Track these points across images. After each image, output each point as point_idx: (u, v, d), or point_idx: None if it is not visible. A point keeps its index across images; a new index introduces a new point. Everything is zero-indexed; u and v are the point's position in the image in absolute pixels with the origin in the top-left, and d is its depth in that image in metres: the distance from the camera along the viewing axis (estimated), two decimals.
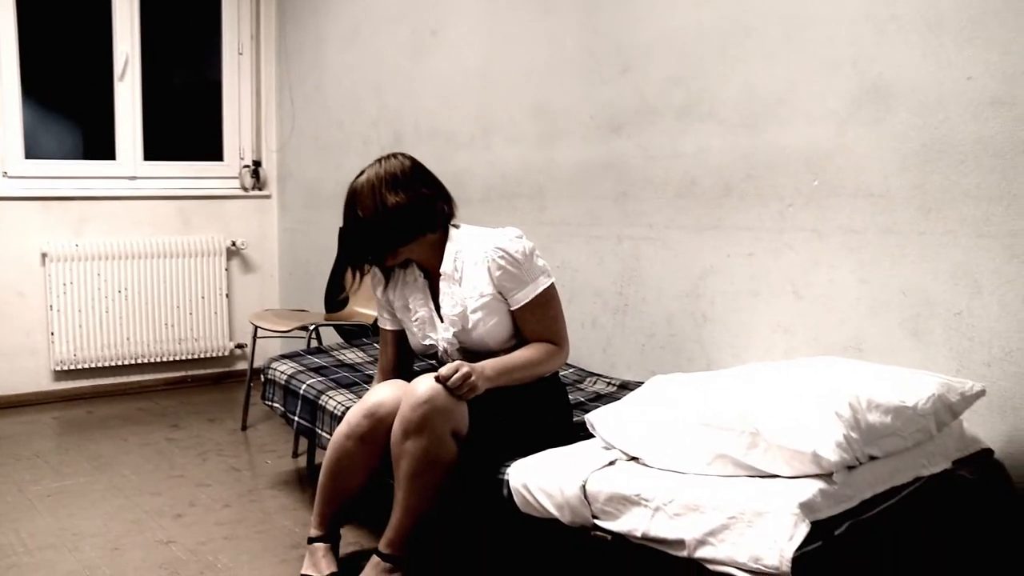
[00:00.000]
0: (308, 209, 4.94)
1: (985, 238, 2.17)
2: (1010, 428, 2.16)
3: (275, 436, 3.95)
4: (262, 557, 2.65)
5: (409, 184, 2.41)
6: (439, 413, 2.18)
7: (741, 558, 1.67)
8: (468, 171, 3.75)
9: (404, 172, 2.42)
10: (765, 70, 2.63)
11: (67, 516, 2.97)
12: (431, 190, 2.45)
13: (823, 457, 1.72)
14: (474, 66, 3.72)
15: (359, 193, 2.40)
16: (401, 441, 2.21)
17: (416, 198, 2.40)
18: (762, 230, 2.67)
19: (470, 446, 2.26)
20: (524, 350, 2.39)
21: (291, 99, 5.04)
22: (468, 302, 2.38)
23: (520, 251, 2.37)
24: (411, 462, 2.20)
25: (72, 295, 4.56)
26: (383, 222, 2.37)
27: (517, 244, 2.38)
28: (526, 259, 2.37)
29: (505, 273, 2.36)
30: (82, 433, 4.03)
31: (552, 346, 2.41)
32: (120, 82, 4.71)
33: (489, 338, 2.39)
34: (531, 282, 2.38)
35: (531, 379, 2.37)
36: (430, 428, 2.18)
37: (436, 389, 2.20)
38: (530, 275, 2.38)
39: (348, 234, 2.46)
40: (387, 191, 2.38)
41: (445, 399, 2.20)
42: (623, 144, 3.08)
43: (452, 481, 2.26)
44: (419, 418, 2.18)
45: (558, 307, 2.45)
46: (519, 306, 2.38)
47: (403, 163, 2.44)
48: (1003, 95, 2.12)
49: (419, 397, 2.19)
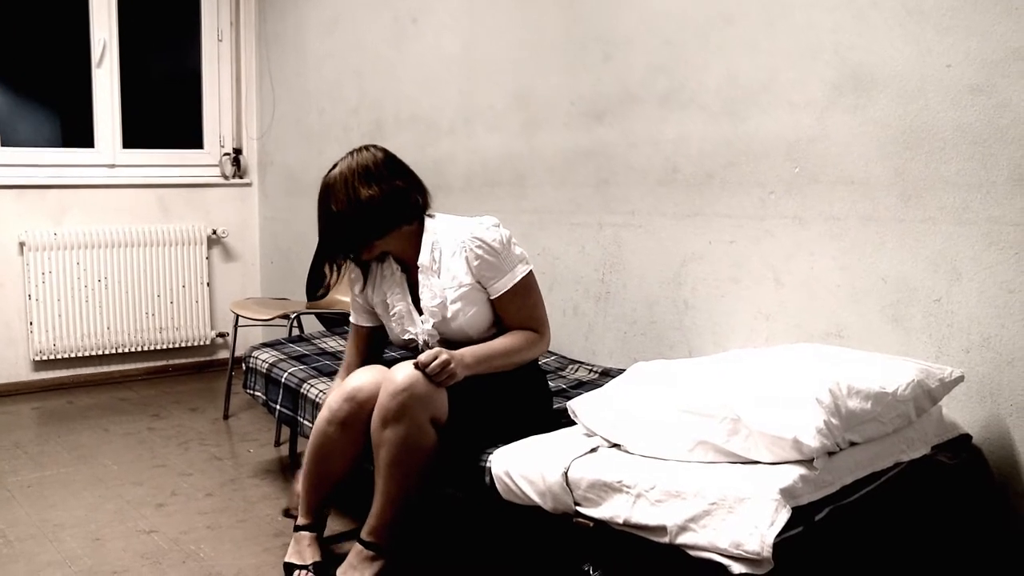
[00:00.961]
0: (289, 197, 4.92)
1: (964, 225, 2.19)
2: (988, 414, 2.18)
3: (257, 425, 3.94)
4: (244, 546, 2.64)
5: (383, 176, 2.39)
6: (418, 401, 2.18)
7: (722, 544, 1.68)
8: (449, 158, 3.74)
9: (377, 164, 2.40)
10: (747, 57, 2.63)
11: (47, 507, 2.95)
12: (405, 181, 2.43)
13: (804, 443, 1.73)
14: (455, 53, 3.70)
15: (332, 187, 2.39)
16: (380, 429, 2.21)
17: (390, 190, 2.38)
18: (743, 217, 2.68)
19: (451, 433, 2.26)
20: (504, 338, 2.38)
21: (271, 86, 5.00)
22: (447, 293, 2.38)
23: (497, 240, 2.36)
24: (391, 450, 2.20)
25: (51, 284, 4.52)
26: (357, 216, 2.36)
27: (494, 233, 2.37)
28: (503, 248, 2.37)
29: (483, 263, 2.35)
30: (62, 423, 4.01)
31: (533, 334, 2.41)
32: (98, 69, 4.67)
33: (469, 328, 2.39)
34: (509, 271, 2.37)
35: (512, 367, 2.37)
36: (409, 416, 2.18)
37: (415, 377, 2.19)
38: (508, 264, 2.37)
39: (323, 229, 2.44)
40: (360, 184, 2.36)
41: (424, 386, 2.19)
42: (605, 131, 3.08)
43: (433, 468, 2.26)
44: (398, 406, 2.18)
45: (538, 295, 2.44)
46: (498, 295, 2.38)
47: (375, 155, 2.42)
48: (982, 83, 2.13)
49: (398, 385, 2.19)
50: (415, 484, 2.25)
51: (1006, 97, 2.09)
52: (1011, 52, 2.07)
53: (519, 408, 2.39)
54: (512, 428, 2.25)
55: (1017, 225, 2.09)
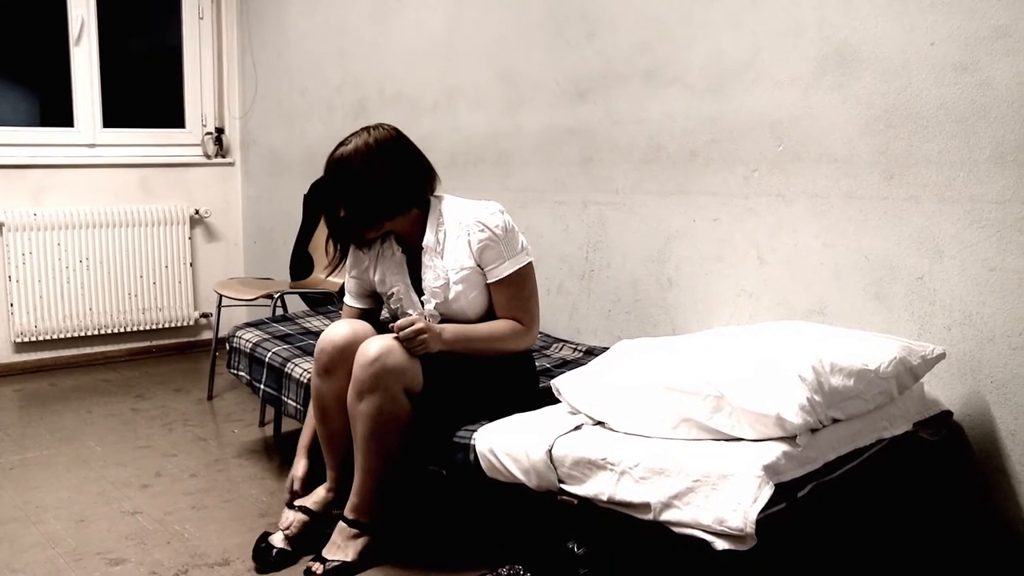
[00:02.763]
0: (272, 176, 4.89)
1: (947, 203, 2.19)
2: (969, 390, 2.20)
3: (241, 405, 3.93)
4: (229, 526, 2.64)
5: (399, 155, 2.38)
6: (390, 372, 2.20)
7: (706, 520, 1.69)
8: (433, 137, 3.72)
9: (393, 143, 2.38)
10: (730, 35, 2.62)
11: (30, 489, 2.94)
12: (418, 161, 2.43)
13: (787, 420, 1.73)
14: (438, 31, 3.68)
15: (347, 164, 2.34)
16: (356, 402, 2.23)
17: (407, 170, 2.38)
18: (727, 195, 2.68)
19: (433, 409, 2.26)
20: (489, 323, 2.39)
21: (253, 65, 4.96)
22: (450, 274, 2.37)
23: (500, 226, 2.36)
24: (366, 422, 2.22)
25: (31, 265, 4.48)
26: (374, 194, 2.34)
27: (498, 219, 2.37)
28: (506, 234, 2.37)
29: (485, 247, 2.35)
30: (45, 405, 3.98)
31: (519, 326, 2.40)
32: (76, 47, 4.61)
33: (470, 310, 2.39)
34: (510, 258, 2.37)
35: (491, 353, 2.37)
36: (382, 387, 2.19)
37: (386, 348, 2.21)
38: (509, 251, 2.37)
39: (334, 207, 2.41)
40: (380, 161, 2.34)
41: (396, 357, 2.21)
42: (589, 109, 3.07)
43: (410, 439, 2.27)
44: (370, 377, 2.19)
45: (533, 288, 2.44)
46: (494, 280, 2.38)
47: (391, 133, 2.40)
48: (966, 61, 2.13)
49: (369, 357, 2.21)
50: (393, 456, 2.27)
51: (989, 75, 2.09)
52: (995, 30, 2.07)
53: (504, 386, 2.39)
54: (497, 406, 2.26)
55: (998, 203, 2.10)
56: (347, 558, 2.28)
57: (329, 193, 2.42)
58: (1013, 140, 2.06)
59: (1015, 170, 2.06)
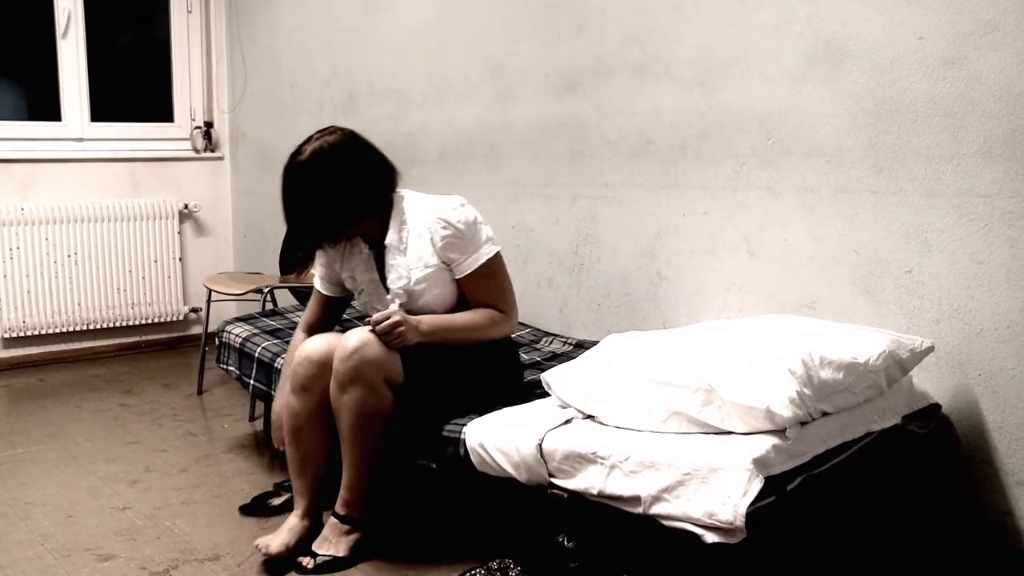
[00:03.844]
0: (262, 171, 4.87)
1: (935, 197, 2.20)
2: (957, 383, 2.21)
3: (231, 400, 3.92)
4: (219, 521, 2.63)
5: (357, 161, 2.34)
6: (369, 363, 2.20)
7: (696, 514, 1.69)
8: (422, 130, 3.71)
9: (349, 148, 2.34)
10: (720, 28, 2.62)
11: (18, 485, 2.93)
12: (377, 164, 2.39)
13: (776, 413, 1.74)
14: (428, 24, 3.67)
15: (305, 173, 2.29)
16: (339, 395, 2.23)
17: (369, 172, 2.35)
18: (717, 189, 2.68)
19: (418, 401, 2.26)
20: (467, 313, 2.38)
21: (242, 59, 4.94)
22: (413, 273, 2.36)
23: (462, 220, 2.34)
24: (350, 414, 2.22)
25: (19, 260, 4.46)
26: (335, 205, 2.30)
27: (460, 213, 2.35)
28: (469, 228, 2.34)
29: (448, 243, 2.33)
30: (33, 401, 3.97)
31: (498, 313, 2.39)
32: (63, 40, 4.58)
33: (435, 306, 2.38)
34: (475, 252, 2.35)
35: (472, 342, 2.36)
36: (363, 378, 2.20)
37: (365, 340, 2.21)
38: (473, 245, 2.35)
39: (295, 216, 2.35)
40: (336, 171, 2.29)
41: (375, 348, 2.21)
42: (578, 103, 3.07)
43: (404, 438, 2.27)
44: (350, 369, 2.19)
45: (504, 277, 2.42)
46: (463, 275, 2.36)
47: (345, 138, 2.35)
48: (954, 55, 2.13)
49: (348, 349, 2.21)
50: (379, 449, 2.27)
51: (977, 69, 2.10)
52: (983, 24, 2.08)
53: (487, 377, 2.39)
54: (481, 397, 2.26)
55: (986, 197, 2.10)
56: (338, 553, 2.28)
57: (289, 201, 2.35)
58: (1001, 134, 2.07)
59: (1003, 164, 2.07)
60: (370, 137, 2.43)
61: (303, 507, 2.36)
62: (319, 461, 2.36)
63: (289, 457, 2.38)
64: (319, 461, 2.36)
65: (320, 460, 2.35)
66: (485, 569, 2.11)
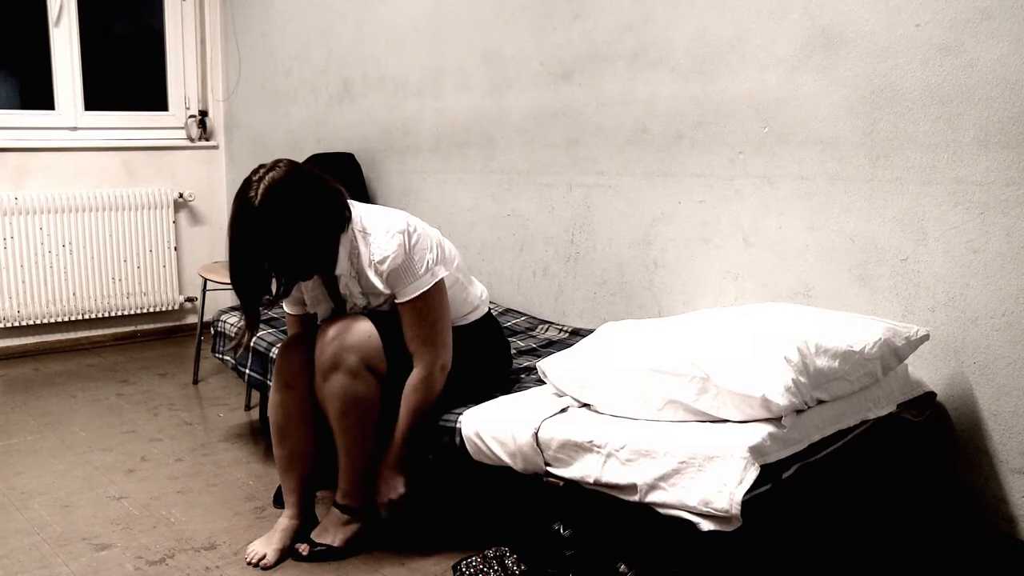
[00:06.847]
0: (257, 159, 4.79)
1: (931, 185, 2.20)
2: (952, 371, 2.21)
3: (227, 389, 3.92)
4: (215, 510, 2.63)
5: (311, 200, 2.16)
6: (348, 348, 2.20)
7: (692, 502, 1.70)
8: (418, 119, 3.70)
9: (301, 187, 2.15)
10: (716, 16, 2.62)
11: (14, 475, 2.93)
12: (327, 197, 2.21)
13: (772, 401, 1.74)
14: (423, 12, 3.65)
15: (259, 217, 2.09)
16: (322, 383, 2.24)
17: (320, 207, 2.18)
18: (713, 177, 2.68)
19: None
20: (403, 406, 2.26)
21: (237, 47, 4.92)
22: (370, 299, 2.31)
23: (398, 255, 2.21)
24: (335, 401, 2.22)
25: (13, 250, 4.44)
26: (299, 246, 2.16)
27: (395, 243, 2.21)
28: (407, 259, 2.22)
29: (389, 275, 2.24)
30: (29, 391, 3.96)
31: (422, 372, 2.25)
32: (56, 28, 4.56)
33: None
34: (412, 282, 2.24)
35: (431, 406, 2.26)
36: (344, 364, 2.20)
37: (342, 326, 2.22)
38: (410, 275, 2.23)
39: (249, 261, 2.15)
40: (291, 214, 2.11)
41: (352, 333, 2.21)
42: (574, 91, 3.06)
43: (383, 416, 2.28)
44: (330, 356, 2.21)
45: (439, 311, 2.28)
46: (400, 302, 2.26)
47: (292, 173, 2.16)
48: (950, 42, 2.13)
49: (328, 336, 2.22)
50: (368, 435, 2.27)
51: (974, 57, 2.09)
52: (979, 12, 2.07)
53: (473, 360, 2.38)
54: (470, 381, 2.27)
55: (982, 185, 2.10)
56: (334, 543, 2.29)
57: (239, 246, 2.14)
58: (997, 122, 2.07)
59: (998, 152, 2.07)
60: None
61: (292, 506, 2.37)
62: (306, 459, 2.36)
63: (276, 456, 2.39)
64: (306, 459, 2.36)
65: (307, 458, 2.36)
66: (481, 557, 2.12)
